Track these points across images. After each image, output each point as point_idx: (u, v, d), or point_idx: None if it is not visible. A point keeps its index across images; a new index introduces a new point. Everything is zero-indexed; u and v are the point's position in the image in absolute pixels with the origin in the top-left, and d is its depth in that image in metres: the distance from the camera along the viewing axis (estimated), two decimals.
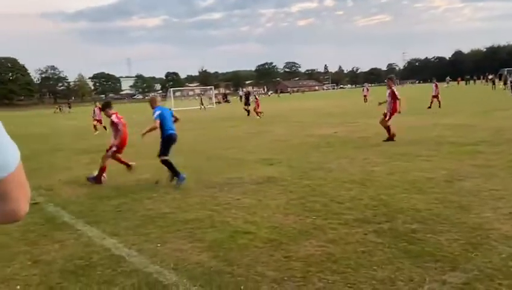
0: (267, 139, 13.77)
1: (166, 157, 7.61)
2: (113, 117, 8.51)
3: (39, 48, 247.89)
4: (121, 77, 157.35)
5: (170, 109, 8.34)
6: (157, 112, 7.66)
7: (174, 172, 7.57)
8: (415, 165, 8.22)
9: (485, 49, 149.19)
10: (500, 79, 52.08)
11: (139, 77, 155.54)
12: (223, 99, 65.46)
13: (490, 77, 62.82)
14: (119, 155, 8.58)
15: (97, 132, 20.12)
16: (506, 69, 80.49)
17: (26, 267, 4.31)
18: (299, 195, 6.42)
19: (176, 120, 8.07)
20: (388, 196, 6.04)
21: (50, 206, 6.70)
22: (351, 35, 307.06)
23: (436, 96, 23.35)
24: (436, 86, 23.69)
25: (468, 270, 3.59)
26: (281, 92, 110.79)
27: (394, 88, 12.11)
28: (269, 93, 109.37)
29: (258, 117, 23.90)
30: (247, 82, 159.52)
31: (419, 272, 3.61)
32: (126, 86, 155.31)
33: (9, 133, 0.87)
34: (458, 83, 77.70)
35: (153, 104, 7.96)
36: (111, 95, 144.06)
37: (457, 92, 44.24)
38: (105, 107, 8.79)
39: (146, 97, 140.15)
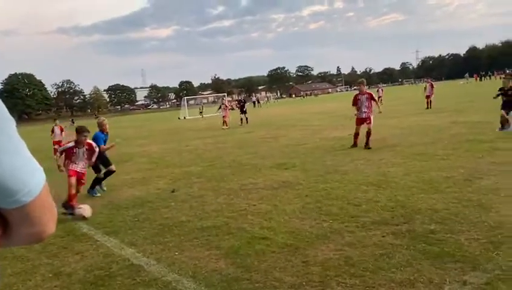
0: (281, 144, 13.76)
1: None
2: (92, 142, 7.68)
3: (55, 63, 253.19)
4: (136, 88, 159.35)
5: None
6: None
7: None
8: (432, 164, 8.11)
9: (500, 44, 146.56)
10: None
11: (153, 87, 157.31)
12: (237, 106, 65.74)
13: (508, 71, 61.70)
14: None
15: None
16: None
17: (47, 279, 4.38)
18: (315, 199, 6.39)
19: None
20: (405, 197, 5.98)
21: (69, 218, 6.80)
22: (363, 36, 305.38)
23: (428, 97, 22.71)
24: (432, 85, 23.13)
25: (489, 270, 3.53)
26: (295, 96, 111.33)
27: (370, 91, 11.98)
28: (293, 96, 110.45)
29: (224, 127, 23.38)
30: (260, 87, 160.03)
31: (439, 273, 3.56)
32: (141, 96, 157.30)
33: (38, 147, 0.88)
34: (476, 80, 76.45)
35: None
36: (126, 106, 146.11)
37: (475, 89, 43.52)
38: (85, 131, 7.39)
39: (161, 107, 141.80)
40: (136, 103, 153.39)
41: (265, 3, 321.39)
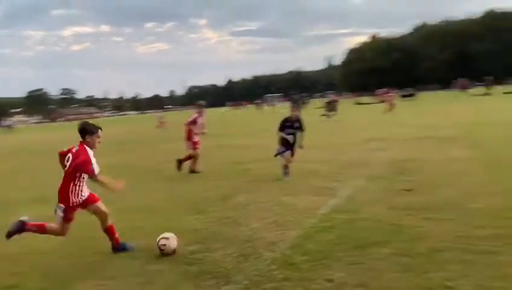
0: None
1: None
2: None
3: None
4: None
5: None
6: None
7: None
8: (195, 186, 8.62)
9: (251, 78, 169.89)
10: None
11: None
12: None
13: (257, 102, 71.58)
14: None
15: None
16: (268, 95, 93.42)
17: None
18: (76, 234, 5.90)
19: None
20: (168, 220, 6.12)
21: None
22: (132, 62, 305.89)
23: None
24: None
25: (239, 281, 3.91)
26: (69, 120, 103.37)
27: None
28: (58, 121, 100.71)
29: None
30: (13, 111, 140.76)
31: None
32: None
33: None
34: (235, 108, 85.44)
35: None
36: None
37: (234, 116, 48.82)
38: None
39: None
40: None
41: (19, 17, 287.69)
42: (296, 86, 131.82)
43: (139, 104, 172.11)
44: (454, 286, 3.45)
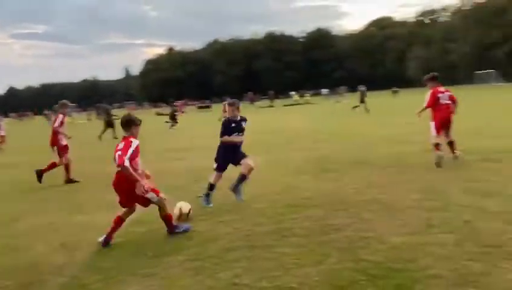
0: None
1: None
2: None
3: None
4: None
5: None
6: None
7: None
8: None
9: (39, 86, 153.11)
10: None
11: None
12: None
13: (46, 112, 64.79)
14: None
15: None
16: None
17: None
18: None
19: None
20: None
21: None
22: None
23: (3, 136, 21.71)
24: None
25: None
26: None
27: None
28: None
29: None
30: None
31: None
32: None
33: None
34: (21, 120, 75.70)
35: None
36: None
37: (20, 129, 42.85)
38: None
39: None
40: None
41: None
42: (93, 95, 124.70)
43: None
44: (240, 282, 3.78)
